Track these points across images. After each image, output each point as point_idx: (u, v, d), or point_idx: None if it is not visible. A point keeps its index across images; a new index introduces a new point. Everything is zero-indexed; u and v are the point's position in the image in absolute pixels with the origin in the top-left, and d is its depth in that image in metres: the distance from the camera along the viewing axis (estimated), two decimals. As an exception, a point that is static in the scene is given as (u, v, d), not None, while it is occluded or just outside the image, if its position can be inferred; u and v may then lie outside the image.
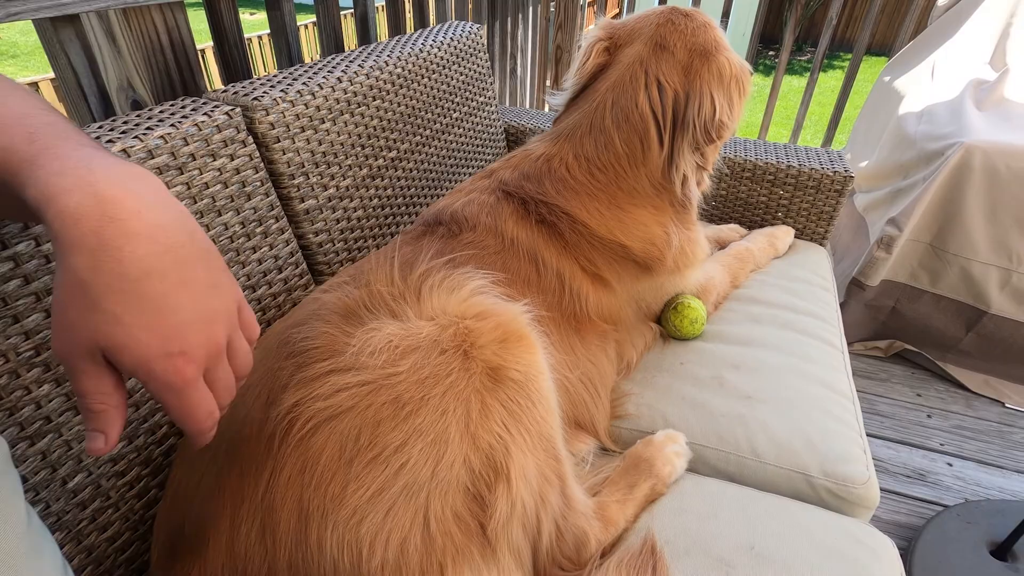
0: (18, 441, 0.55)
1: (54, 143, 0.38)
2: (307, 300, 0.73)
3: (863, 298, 1.76)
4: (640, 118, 0.87)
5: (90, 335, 0.35)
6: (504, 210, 0.87)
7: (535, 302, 0.76)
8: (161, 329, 0.36)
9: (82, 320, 0.34)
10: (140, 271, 0.35)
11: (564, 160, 0.89)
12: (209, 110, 0.74)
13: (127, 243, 0.35)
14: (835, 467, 0.81)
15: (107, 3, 0.75)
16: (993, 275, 1.58)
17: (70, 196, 0.34)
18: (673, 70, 0.87)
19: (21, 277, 0.54)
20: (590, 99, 0.92)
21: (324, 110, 0.92)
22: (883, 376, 1.77)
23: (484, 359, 0.57)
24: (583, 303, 0.87)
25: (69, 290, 0.34)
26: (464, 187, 0.95)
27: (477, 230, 0.85)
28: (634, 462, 0.81)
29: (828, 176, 1.30)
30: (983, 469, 1.49)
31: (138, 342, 0.35)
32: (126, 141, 0.63)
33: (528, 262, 0.84)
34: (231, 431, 0.55)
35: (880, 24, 1.96)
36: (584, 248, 0.87)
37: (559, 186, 0.88)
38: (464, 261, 0.77)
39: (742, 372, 0.94)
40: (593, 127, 0.89)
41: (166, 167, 0.67)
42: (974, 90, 1.73)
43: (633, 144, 0.88)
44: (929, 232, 1.62)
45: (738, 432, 0.85)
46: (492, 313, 0.61)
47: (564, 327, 0.85)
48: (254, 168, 0.79)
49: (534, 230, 0.86)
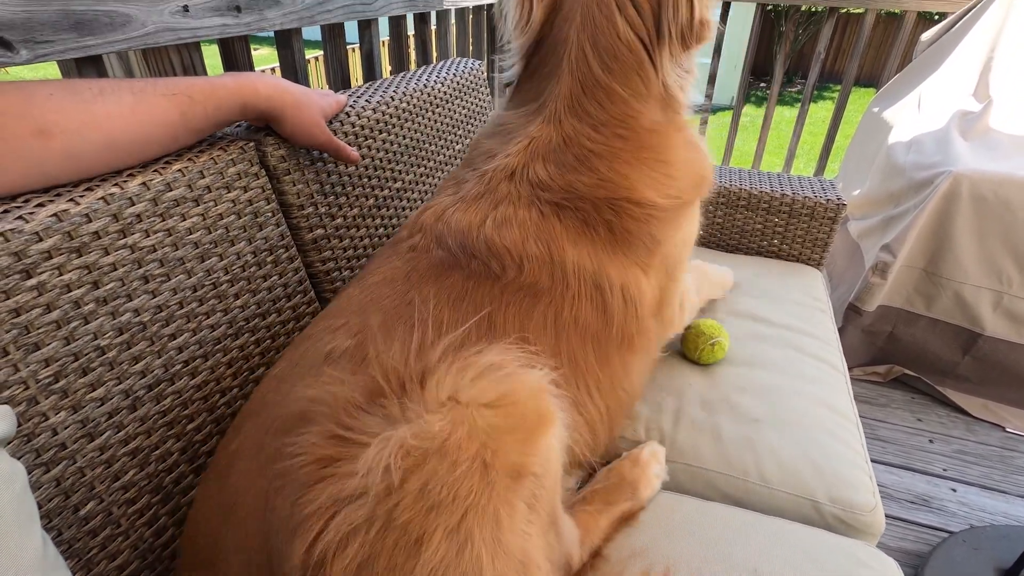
0: (34, 468, 0.56)
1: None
2: (303, 352, 0.65)
3: (860, 323, 1.78)
4: (630, 50, 0.73)
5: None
6: (555, 229, 0.71)
7: (594, 359, 0.70)
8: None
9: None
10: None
11: (581, 134, 0.73)
12: (224, 144, 0.77)
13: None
14: (842, 494, 0.81)
15: (128, 44, 0.79)
16: (985, 297, 1.61)
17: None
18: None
19: (44, 306, 0.56)
20: (558, 52, 0.75)
21: (333, 143, 0.95)
22: (883, 401, 1.78)
23: (506, 466, 0.51)
24: (640, 311, 0.75)
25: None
26: (473, 190, 0.75)
27: (524, 269, 0.69)
28: (617, 482, 0.82)
29: (821, 204, 1.33)
30: (987, 494, 1.49)
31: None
32: (146, 175, 0.66)
33: (590, 300, 0.71)
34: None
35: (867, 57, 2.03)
36: (645, 237, 0.74)
37: (612, 168, 0.72)
38: (508, 320, 0.66)
39: (749, 394, 0.95)
40: (585, 85, 0.74)
41: (183, 199, 0.70)
42: (960, 121, 1.78)
43: (634, 84, 0.74)
44: (922, 258, 1.65)
45: (747, 458, 0.86)
46: (510, 398, 0.53)
47: (612, 356, 0.74)
48: (266, 199, 0.82)
49: (598, 244, 0.72)
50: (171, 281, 0.68)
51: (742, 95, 2.63)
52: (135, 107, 0.61)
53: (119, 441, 0.64)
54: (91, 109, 0.58)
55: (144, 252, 0.65)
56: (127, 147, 0.62)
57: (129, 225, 0.63)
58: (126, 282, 0.63)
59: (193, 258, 0.71)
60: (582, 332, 0.71)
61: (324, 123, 0.86)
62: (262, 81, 0.75)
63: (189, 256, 0.71)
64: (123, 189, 0.63)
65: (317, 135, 0.84)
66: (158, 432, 0.68)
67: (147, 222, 0.65)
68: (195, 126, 0.69)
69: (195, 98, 0.67)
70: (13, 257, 0.53)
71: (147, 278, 0.66)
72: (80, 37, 0.73)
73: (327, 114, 0.88)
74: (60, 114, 0.55)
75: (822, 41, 2.37)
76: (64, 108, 0.56)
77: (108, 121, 0.59)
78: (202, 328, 0.73)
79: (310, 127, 0.82)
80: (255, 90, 0.74)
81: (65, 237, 0.57)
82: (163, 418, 0.69)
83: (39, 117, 0.54)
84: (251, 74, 0.77)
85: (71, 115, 0.56)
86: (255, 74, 0.78)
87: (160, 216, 0.67)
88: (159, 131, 0.64)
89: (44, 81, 0.58)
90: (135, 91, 0.62)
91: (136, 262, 0.64)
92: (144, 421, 0.66)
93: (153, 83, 0.65)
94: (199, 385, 0.73)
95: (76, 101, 0.57)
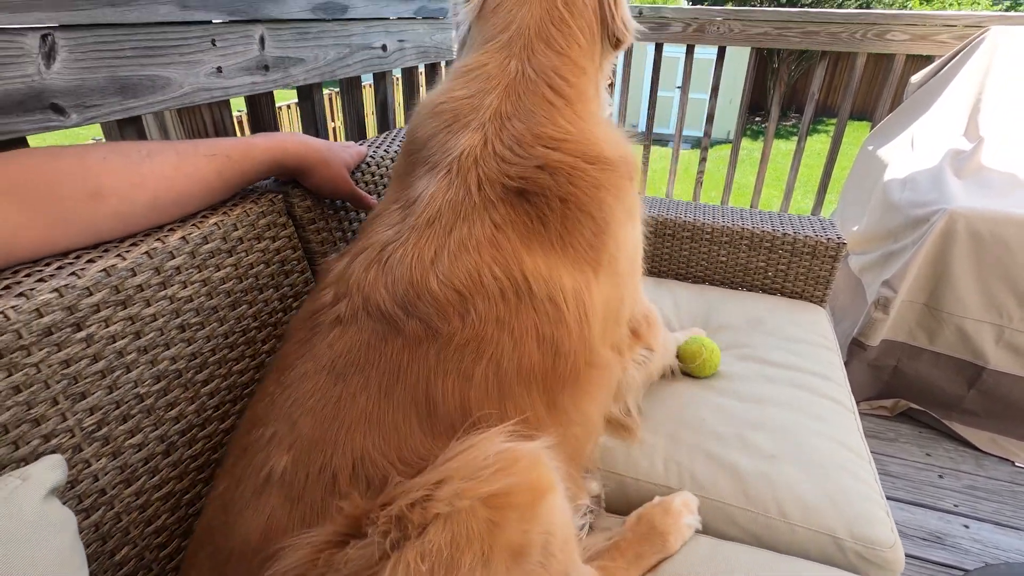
0: (76, 514, 0.57)
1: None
2: (243, 470, 0.60)
3: (865, 358, 1.79)
4: (586, 5, 0.74)
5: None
6: (511, 240, 0.66)
7: (542, 408, 0.66)
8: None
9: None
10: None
11: (549, 67, 0.71)
12: (255, 197, 0.81)
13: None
14: (862, 529, 0.82)
15: (167, 105, 0.84)
16: (987, 331, 1.63)
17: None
18: None
19: (91, 356, 0.59)
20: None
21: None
22: (891, 436, 1.78)
23: (507, 546, 0.52)
24: (590, 330, 0.70)
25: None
26: (427, 209, 0.67)
27: (469, 316, 0.63)
28: (646, 531, 0.81)
29: (822, 243, 1.37)
30: (1000, 531, 1.48)
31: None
32: (185, 229, 0.70)
33: (540, 329, 0.65)
34: None
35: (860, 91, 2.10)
36: (595, 211, 0.70)
37: (575, 116, 0.71)
38: (448, 392, 0.61)
39: (763, 431, 0.97)
40: (552, 17, 0.72)
41: (218, 251, 0.73)
42: (952, 159, 1.84)
43: (588, 40, 0.75)
44: (923, 293, 1.68)
45: (766, 493, 0.87)
46: (512, 490, 0.54)
47: (561, 398, 0.69)
48: (292, 248, 0.86)
49: (550, 241, 0.68)
50: (205, 329, 0.72)
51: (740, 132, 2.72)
52: (179, 168, 0.66)
53: (153, 486, 0.66)
54: (140, 171, 0.62)
55: (182, 302, 0.68)
56: (170, 206, 0.66)
57: (169, 277, 0.67)
58: (165, 331, 0.66)
59: (226, 306, 0.74)
60: (527, 379, 0.65)
61: (348, 176, 0.90)
62: (291, 140, 0.81)
63: (222, 304, 0.74)
64: (164, 243, 0.66)
65: (342, 187, 0.89)
66: (189, 476, 0.70)
67: (185, 273, 0.69)
68: (232, 184, 0.74)
69: (232, 157, 0.72)
70: (66, 311, 0.56)
71: (184, 327, 0.69)
72: (124, 100, 0.78)
73: (350, 166, 0.93)
74: (112, 176, 0.59)
75: (815, 82, 2.46)
76: (116, 171, 0.60)
77: (155, 182, 0.63)
78: (232, 373, 0.76)
79: (335, 181, 0.87)
80: (285, 149, 0.79)
81: (112, 291, 0.61)
82: (194, 462, 0.71)
83: (94, 180, 0.58)
84: (281, 134, 0.82)
85: (122, 177, 0.60)
86: (285, 134, 0.83)
87: (197, 267, 0.70)
88: (199, 189, 0.69)
89: (97, 145, 0.62)
90: (179, 152, 0.67)
91: (175, 312, 0.68)
92: (177, 466, 0.68)
93: (195, 144, 0.69)
94: (228, 429, 0.75)
95: (127, 164, 0.61)
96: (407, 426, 0.60)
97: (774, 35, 2.36)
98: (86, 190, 0.58)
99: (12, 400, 0.52)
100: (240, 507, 0.58)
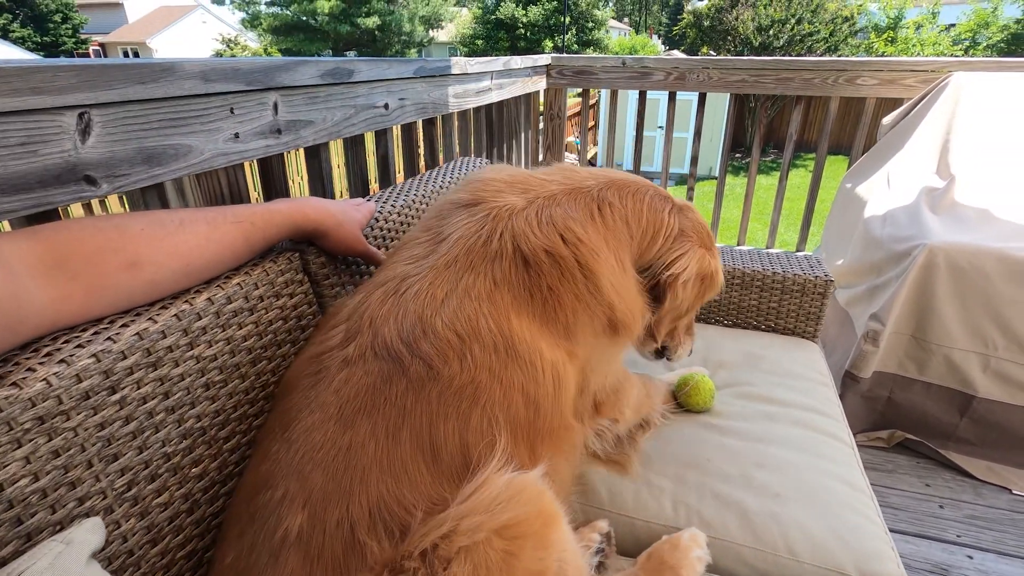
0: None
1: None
2: (253, 536, 0.60)
3: (858, 390, 1.83)
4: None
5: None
6: (504, 298, 0.73)
7: (527, 456, 0.70)
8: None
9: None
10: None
11: (600, 202, 0.82)
12: (274, 256, 0.85)
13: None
14: (869, 566, 0.84)
15: (188, 171, 0.89)
16: (974, 360, 1.68)
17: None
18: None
19: (124, 418, 0.61)
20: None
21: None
22: (889, 467, 1.80)
23: (526, 575, 0.57)
24: (564, 394, 0.76)
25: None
26: (453, 249, 0.76)
27: (466, 361, 0.68)
28: (657, 568, 0.83)
29: (811, 280, 1.43)
30: (1004, 560, 1.49)
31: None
32: (210, 291, 0.73)
33: (522, 386, 0.71)
34: None
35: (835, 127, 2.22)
36: (568, 316, 0.76)
37: (598, 238, 0.79)
38: (449, 435, 0.65)
39: (767, 470, 0.99)
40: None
41: (240, 310, 0.76)
42: (927, 196, 1.93)
43: (632, 242, 0.86)
44: (910, 324, 1.73)
45: (774, 531, 0.89)
46: (523, 519, 0.58)
47: (540, 449, 0.74)
48: (308, 303, 0.89)
49: (535, 313, 0.74)
50: (228, 386, 0.74)
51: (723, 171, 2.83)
52: (209, 236, 0.69)
53: (177, 545, 0.67)
54: (174, 241, 0.66)
55: (207, 361, 0.71)
56: (200, 272, 0.70)
57: (196, 337, 0.70)
58: (191, 390, 0.69)
59: (247, 363, 0.77)
60: (514, 428, 0.69)
61: (360, 235, 0.95)
62: (310, 206, 0.85)
63: (244, 361, 0.77)
64: (192, 305, 0.70)
65: (355, 247, 0.93)
66: (211, 533, 0.71)
67: (211, 333, 0.72)
68: (256, 248, 0.78)
69: (256, 224, 0.76)
70: (103, 375, 0.59)
71: (208, 385, 0.71)
72: (150, 168, 0.82)
73: (362, 225, 0.98)
74: (149, 247, 0.63)
75: (792, 124, 2.58)
76: (152, 241, 0.64)
77: (187, 250, 0.67)
78: (252, 429, 0.78)
79: (348, 241, 0.91)
80: (305, 215, 0.83)
81: (144, 353, 0.63)
82: (215, 520, 0.72)
83: (132, 252, 0.62)
84: (300, 200, 0.87)
85: (158, 248, 0.64)
86: (304, 200, 0.88)
87: (222, 327, 0.73)
88: (227, 254, 0.73)
89: (135, 215, 0.66)
90: (208, 221, 0.71)
91: (200, 371, 0.70)
92: (199, 524, 0.70)
93: (223, 212, 0.73)
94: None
95: (162, 234, 0.65)
96: (416, 469, 0.63)
97: (751, 82, 2.50)
98: (126, 261, 0.61)
99: (51, 464, 0.54)
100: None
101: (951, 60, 2.24)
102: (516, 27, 23.38)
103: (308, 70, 1.11)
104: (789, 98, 2.50)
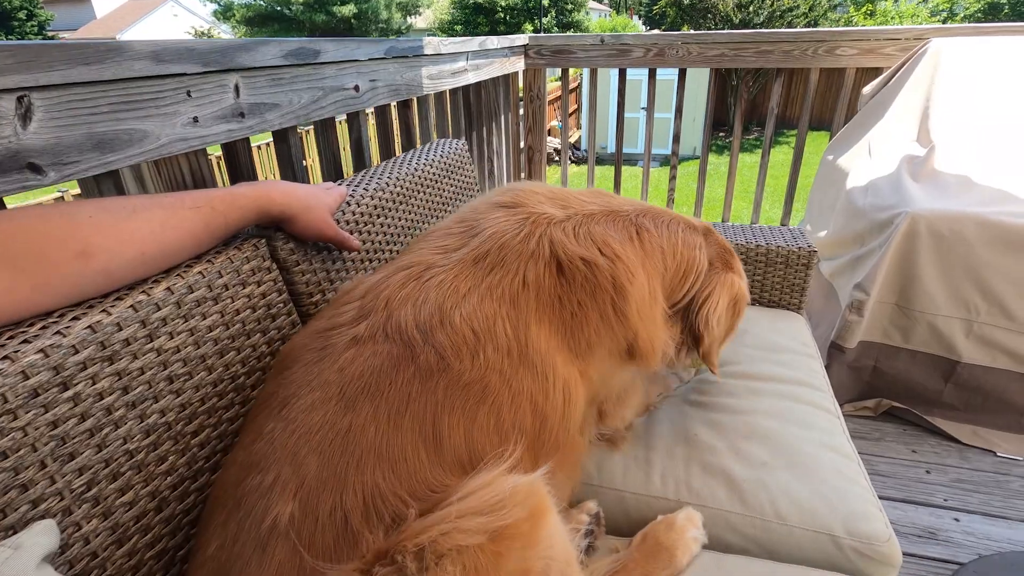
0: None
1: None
2: (239, 524, 0.57)
3: (844, 360, 1.84)
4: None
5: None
6: (529, 303, 0.72)
7: (529, 465, 0.68)
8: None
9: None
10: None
11: (637, 227, 0.84)
12: (239, 243, 0.81)
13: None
14: (857, 526, 0.84)
15: (144, 157, 0.85)
16: (957, 326, 1.69)
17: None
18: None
19: (79, 415, 0.58)
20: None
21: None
22: (876, 435, 1.82)
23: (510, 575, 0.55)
24: (574, 414, 0.76)
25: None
26: (486, 243, 0.76)
27: (479, 359, 0.67)
28: (653, 548, 0.82)
29: (794, 252, 1.42)
30: (990, 521, 1.51)
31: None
32: (169, 280, 0.69)
33: (532, 396, 0.69)
34: None
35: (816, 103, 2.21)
36: (591, 334, 0.76)
37: (637, 260, 0.80)
38: (454, 427, 0.63)
39: (754, 441, 0.99)
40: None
41: (203, 299, 0.73)
42: (908, 164, 1.92)
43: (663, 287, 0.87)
44: (893, 293, 1.74)
45: (762, 496, 0.89)
46: (514, 520, 0.56)
47: (541, 462, 0.72)
48: (278, 291, 0.86)
49: (555, 326, 0.73)
50: (193, 379, 0.71)
51: (706, 149, 2.81)
52: (165, 222, 0.66)
53: (146, 544, 0.64)
54: (127, 227, 0.62)
55: (169, 353, 0.68)
56: (157, 259, 0.66)
57: (156, 329, 0.66)
58: (153, 384, 0.66)
59: (213, 354, 0.74)
60: (520, 435, 0.68)
61: (331, 219, 0.91)
62: (276, 189, 0.81)
63: (210, 353, 0.74)
64: (150, 296, 0.66)
65: (325, 231, 0.89)
66: (182, 531, 0.69)
67: (172, 324, 0.69)
68: (217, 234, 0.74)
69: (217, 209, 0.72)
70: (52, 371, 0.56)
71: (172, 378, 0.68)
72: (102, 155, 0.78)
73: (332, 209, 0.94)
74: (100, 235, 0.60)
75: (773, 98, 2.56)
76: (103, 228, 0.60)
77: (142, 237, 0.63)
78: (222, 422, 0.75)
79: (318, 225, 0.88)
80: (270, 198, 0.80)
81: (99, 347, 0.60)
82: (187, 517, 0.69)
83: (82, 239, 0.58)
84: (265, 183, 0.83)
85: (110, 235, 0.60)
86: (269, 183, 0.84)
87: (183, 318, 0.70)
88: (186, 241, 0.69)
89: (84, 202, 0.62)
90: (164, 206, 0.67)
91: (162, 364, 0.67)
92: (169, 522, 0.67)
93: (180, 198, 0.70)
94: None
95: (114, 221, 0.61)
96: (416, 457, 0.61)
97: (731, 56, 2.47)
98: (74, 250, 0.57)
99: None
100: (240, 567, 0.55)
101: (929, 28, 2.23)
102: (495, 11, 23.10)
103: (270, 50, 1.06)
104: (770, 73, 2.48)
